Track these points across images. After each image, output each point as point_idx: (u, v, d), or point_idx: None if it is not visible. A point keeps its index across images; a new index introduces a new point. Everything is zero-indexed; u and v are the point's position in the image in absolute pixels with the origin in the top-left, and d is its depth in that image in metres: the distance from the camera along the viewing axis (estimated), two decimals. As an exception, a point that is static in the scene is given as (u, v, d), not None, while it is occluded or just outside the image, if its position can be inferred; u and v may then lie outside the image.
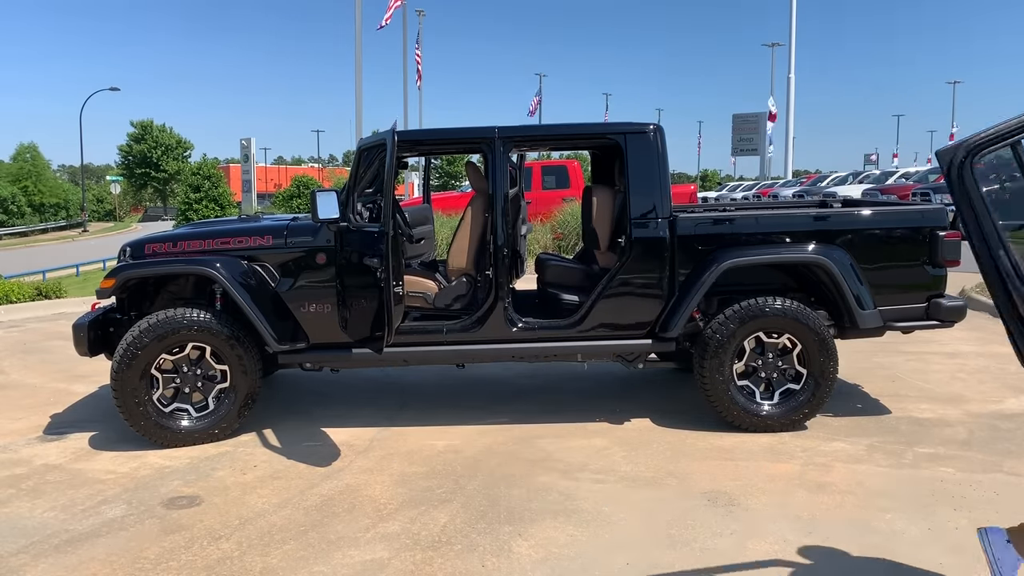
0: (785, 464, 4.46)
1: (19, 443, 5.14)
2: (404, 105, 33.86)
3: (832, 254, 4.92)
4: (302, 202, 26.39)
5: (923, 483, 4.14)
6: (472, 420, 5.36)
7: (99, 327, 5.16)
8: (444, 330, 5.08)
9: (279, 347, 4.94)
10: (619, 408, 5.52)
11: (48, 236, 49.28)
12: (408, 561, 3.43)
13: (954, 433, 4.92)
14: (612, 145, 5.29)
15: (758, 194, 31.05)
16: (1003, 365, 6.55)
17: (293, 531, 3.75)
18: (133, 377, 4.80)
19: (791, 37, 34.57)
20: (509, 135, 5.08)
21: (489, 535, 3.66)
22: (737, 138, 37.38)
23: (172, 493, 4.23)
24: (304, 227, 5.06)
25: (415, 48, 34.24)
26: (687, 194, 19.71)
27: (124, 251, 5.23)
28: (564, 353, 5.17)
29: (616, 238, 5.28)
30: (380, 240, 4.40)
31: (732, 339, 4.87)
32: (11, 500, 4.20)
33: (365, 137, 5.32)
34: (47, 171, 60.38)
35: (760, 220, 5.19)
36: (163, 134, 71.47)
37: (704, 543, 3.53)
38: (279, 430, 5.25)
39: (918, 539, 3.51)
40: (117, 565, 3.45)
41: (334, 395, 6.12)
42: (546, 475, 4.38)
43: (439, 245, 11.09)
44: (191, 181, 30.34)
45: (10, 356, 7.80)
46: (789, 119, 35.15)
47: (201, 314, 4.87)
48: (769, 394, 5.00)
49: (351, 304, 4.72)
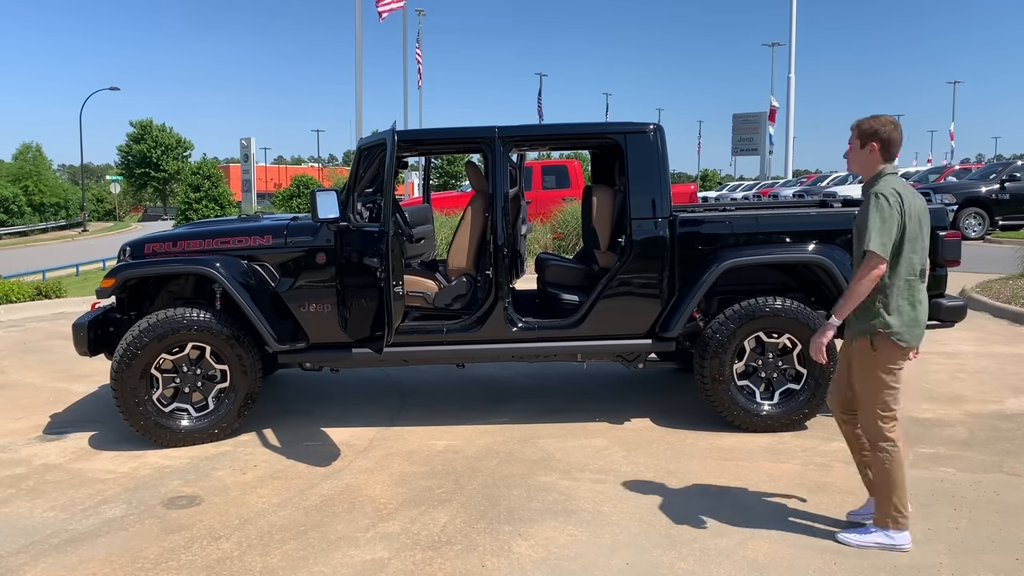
0: (785, 464, 4.46)
1: (19, 443, 5.14)
2: (404, 105, 33.85)
3: (832, 254, 4.92)
4: (302, 202, 26.38)
5: (923, 483, 4.14)
6: (472, 420, 5.36)
7: (99, 327, 5.16)
8: (444, 330, 5.08)
9: (279, 347, 4.94)
10: (619, 408, 5.52)
11: (48, 236, 49.25)
12: (408, 561, 3.43)
13: (954, 433, 4.92)
14: (612, 145, 5.29)
15: (758, 194, 31.03)
16: (1003, 365, 6.55)
17: (293, 531, 3.75)
18: (133, 377, 4.80)
19: (791, 37, 34.52)
20: (509, 135, 5.08)
21: (489, 535, 3.66)
22: (737, 138, 37.36)
23: (172, 493, 4.23)
24: (304, 227, 5.06)
25: (415, 48, 34.22)
26: (687, 194, 19.69)
27: (124, 251, 5.23)
28: (564, 353, 5.17)
29: (616, 238, 5.27)
30: (380, 240, 4.39)
31: (732, 339, 4.87)
32: (11, 500, 4.20)
33: (365, 137, 5.32)
34: (47, 171, 60.32)
35: (760, 220, 5.19)
36: (163, 134, 71.48)
37: (704, 543, 3.53)
38: (279, 430, 5.24)
39: (918, 539, 3.51)
40: (117, 565, 3.45)
41: (334, 395, 6.12)
42: (546, 475, 4.38)
43: (439, 245, 11.10)
44: (191, 181, 30.29)
45: (10, 356, 7.80)
46: (789, 119, 35.10)
47: (201, 314, 4.86)
48: (769, 394, 5.00)
49: (351, 304, 4.72)
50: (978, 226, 17.07)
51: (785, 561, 3.36)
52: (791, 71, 34.59)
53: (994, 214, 17.15)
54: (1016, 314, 8.40)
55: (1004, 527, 3.63)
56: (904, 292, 3.30)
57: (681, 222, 5.01)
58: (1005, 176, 17.41)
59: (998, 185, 17.27)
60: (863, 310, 3.34)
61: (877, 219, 3.22)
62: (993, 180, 17.53)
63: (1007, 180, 17.27)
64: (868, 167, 3.39)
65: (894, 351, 3.31)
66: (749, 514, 3.82)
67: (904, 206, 3.24)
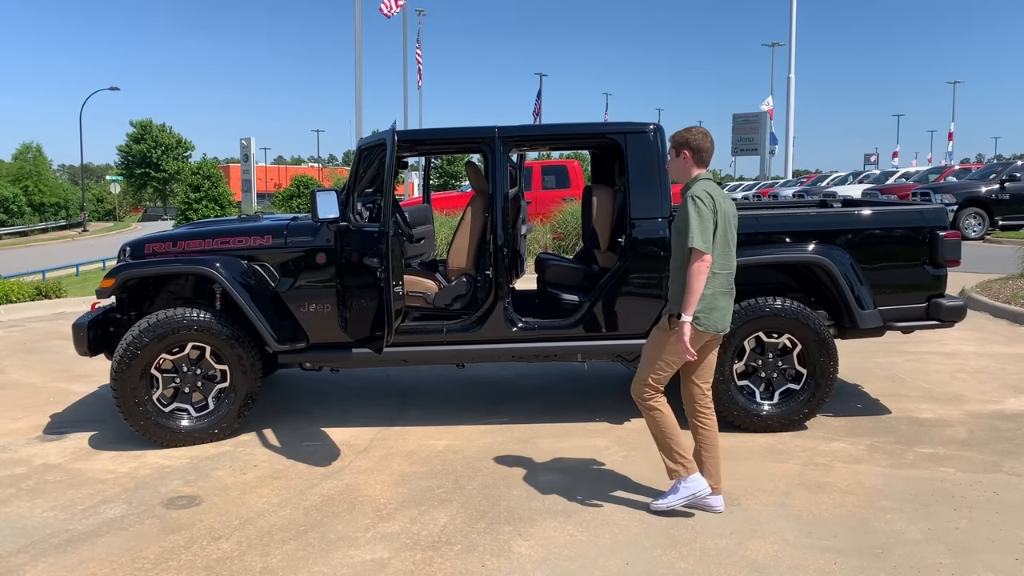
0: (785, 464, 4.46)
1: (19, 443, 5.14)
2: (404, 105, 33.88)
3: (832, 254, 4.92)
4: (302, 202, 26.36)
5: (923, 483, 4.14)
6: (472, 420, 5.36)
7: (99, 327, 5.16)
8: (444, 330, 5.08)
9: (279, 347, 4.94)
10: (619, 408, 5.52)
11: (48, 236, 49.25)
12: (408, 561, 3.43)
13: (954, 433, 4.92)
14: (612, 145, 5.29)
15: (758, 194, 31.04)
16: (1003, 365, 6.55)
17: (293, 531, 3.75)
18: (133, 377, 4.80)
19: (791, 37, 34.53)
20: (509, 135, 5.08)
21: (489, 535, 3.66)
22: (737, 138, 37.29)
23: (172, 493, 4.23)
24: (304, 227, 5.06)
25: (415, 48, 34.23)
26: (687, 194, 19.67)
27: (124, 251, 5.23)
28: (564, 353, 5.17)
29: (616, 238, 5.27)
30: (380, 240, 4.39)
31: (732, 339, 4.86)
32: (11, 500, 4.20)
33: (365, 137, 5.32)
34: (47, 171, 60.30)
35: (760, 220, 5.18)
36: (163, 134, 71.49)
37: (704, 543, 3.53)
38: (279, 430, 5.24)
39: (918, 539, 3.51)
40: (117, 565, 3.45)
41: (334, 395, 6.12)
42: (546, 475, 4.38)
43: (439, 245, 11.10)
44: (191, 181, 30.25)
45: (10, 356, 7.80)
46: (789, 119, 35.11)
47: (201, 314, 4.86)
48: (769, 394, 5.00)
49: (351, 304, 4.72)
50: (978, 226, 17.08)
51: (785, 561, 3.36)
52: (791, 71, 34.61)
53: (994, 214, 17.15)
54: (1016, 314, 8.40)
55: (1004, 527, 3.63)
56: (710, 283, 3.60)
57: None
58: (1005, 176, 17.41)
59: (998, 185, 17.27)
60: (675, 293, 3.72)
61: (696, 219, 3.53)
62: (993, 180, 17.53)
63: (1007, 180, 17.27)
64: (683, 174, 3.75)
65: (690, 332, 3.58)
66: (749, 514, 3.82)
67: (716, 206, 3.58)
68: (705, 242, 3.50)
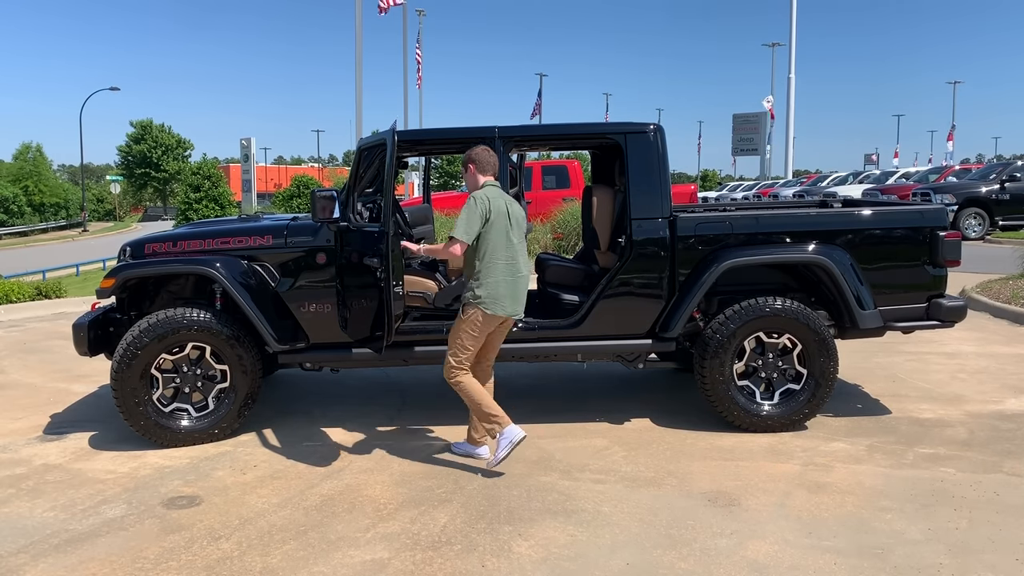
0: (785, 464, 4.46)
1: (19, 443, 5.14)
2: (404, 105, 33.87)
3: (832, 254, 4.92)
4: (302, 202, 26.36)
5: (923, 483, 4.14)
6: (472, 420, 5.34)
7: (99, 327, 5.16)
8: (444, 330, 5.07)
9: (279, 347, 4.94)
10: (619, 408, 5.52)
11: (48, 236, 49.26)
12: (408, 561, 3.43)
13: (954, 433, 4.92)
14: (612, 145, 5.29)
15: (758, 194, 31.03)
16: (1003, 365, 6.55)
17: (293, 531, 3.75)
18: (133, 377, 4.80)
19: (791, 37, 34.55)
20: (509, 135, 5.08)
21: (489, 535, 3.66)
22: (737, 138, 37.33)
23: (172, 493, 4.23)
24: (304, 227, 5.06)
25: (415, 48, 34.23)
26: (687, 194, 19.70)
27: (124, 251, 5.23)
28: (564, 353, 5.17)
29: (616, 238, 5.27)
30: (380, 240, 4.40)
31: (732, 339, 4.87)
32: (11, 500, 4.20)
33: (365, 137, 5.32)
34: (48, 171, 60.31)
35: (760, 220, 5.18)
36: (163, 134, 71.49)
37: (704, 543, 3.53)
38: (279, 430, 5.24)
39: (918, 539, 3.51)
40: (117, 565, 3.45)
41: (334, 395, 6.12)
42: (546, 475, 4.38)
43: (439, 245, 11.07)
44: (191, 181, 30.27)
45: (10, 356, 7.80)
46: (789, 119, 35.13)
47: (201, 314, 4.86)
48: (769, 394, 5.00)
49: (351, 304, 4.72)
50: (978, 226, 17.07)
51: (785, 561, 3.36)
52: (791, 71, 34.63)
53: (994, 214, 17.14)
54: (1016, 314, 8.40)
55: (1004, 527, 3.63)
56: (494, 271, 4.21)
57: (681, 222, 5.01)
58: (1005, 176, 17.40)
59: (998, 185, 17.26)
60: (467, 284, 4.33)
61: (465, 214, 4.19)
62: (993, 180, 17.53)
63: (1007, 180, 17.26)
64: (473, 182, 4.42)
65: (479, 316, 4.24)
66: (749, 514, 3.82)
67: (490, 206, 4.20)
68: (466, 233, 4.15)
